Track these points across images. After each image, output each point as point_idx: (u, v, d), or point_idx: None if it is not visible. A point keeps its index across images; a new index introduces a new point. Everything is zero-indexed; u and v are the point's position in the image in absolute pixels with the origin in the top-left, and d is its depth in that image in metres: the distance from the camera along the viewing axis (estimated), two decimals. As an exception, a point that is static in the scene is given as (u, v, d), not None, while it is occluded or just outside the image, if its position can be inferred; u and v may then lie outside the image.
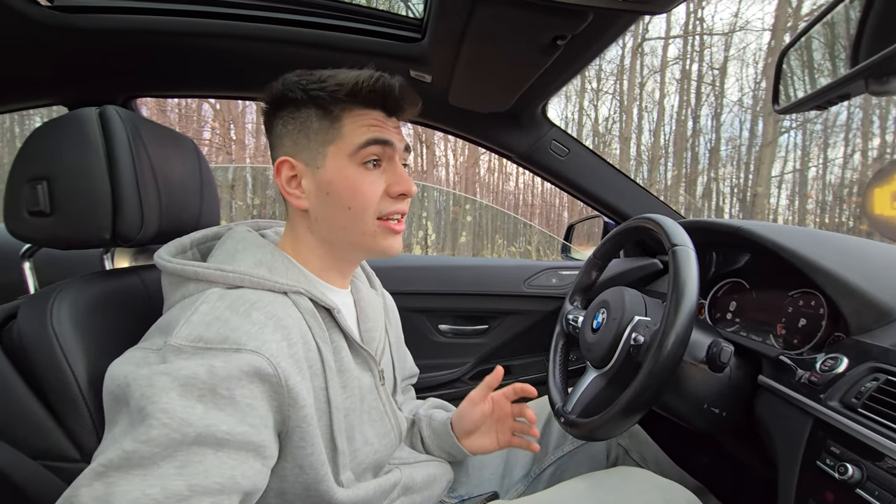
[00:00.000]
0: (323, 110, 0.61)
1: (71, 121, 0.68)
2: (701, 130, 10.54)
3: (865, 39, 0.48)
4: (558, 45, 0.74)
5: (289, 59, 1.02)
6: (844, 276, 0.76)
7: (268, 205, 9.73)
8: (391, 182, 0.64)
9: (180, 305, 0.57)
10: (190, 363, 0.48)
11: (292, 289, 0.60)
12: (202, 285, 0.58)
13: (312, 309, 0.61)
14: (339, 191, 0.62)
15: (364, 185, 0.62)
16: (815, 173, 9.77)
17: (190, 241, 0.70)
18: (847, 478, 0.59)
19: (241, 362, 0.49)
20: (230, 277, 0.57)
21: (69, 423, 0.60)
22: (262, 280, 0.58)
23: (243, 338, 0.50)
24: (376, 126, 0.62)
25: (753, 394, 0.85)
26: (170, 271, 0.61)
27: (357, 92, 0.60)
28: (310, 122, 0.62)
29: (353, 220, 0.63)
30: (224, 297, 0.55)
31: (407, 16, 0.95)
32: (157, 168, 0.75)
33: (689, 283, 0.75)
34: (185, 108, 8.34)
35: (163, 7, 0.94)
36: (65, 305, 0.63)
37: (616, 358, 0.87)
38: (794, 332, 0.88)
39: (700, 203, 10.30)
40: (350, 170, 0.61)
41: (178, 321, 0.52)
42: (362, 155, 0.61)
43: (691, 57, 10.46)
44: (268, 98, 0.64)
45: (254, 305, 0.54)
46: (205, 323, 0.51)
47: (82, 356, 0.61)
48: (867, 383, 0.64)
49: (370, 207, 0.63)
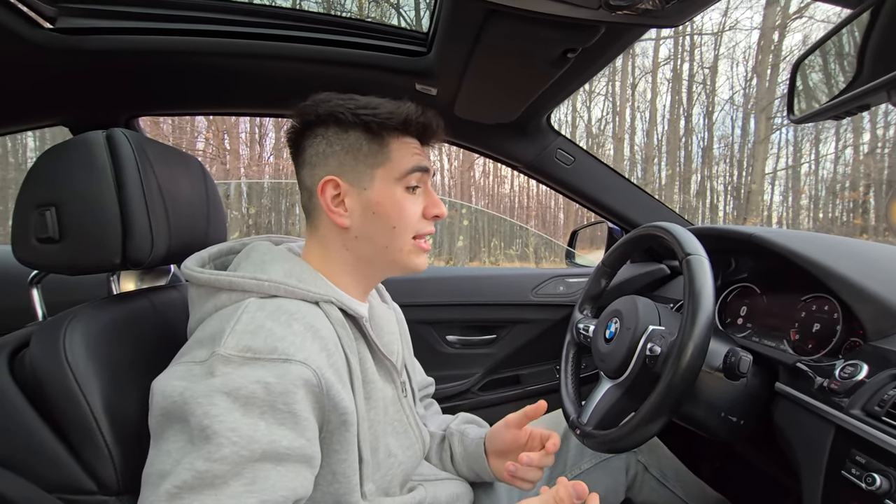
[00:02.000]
0: (372, 135, 0.65)
1: (78, 145, 0.67)
2: (693, 129, 10.62)
3: (887, 51, 0.48)
4: (568, 57, 0.74)
5: (296, 76, 1.01)
6: (861, 283, 0.76)
7: (263, 213, 9.73)
8: (427, 204, 0.69)
9: (218, 317, 0.58)
10: (241, 374, 0.49)
11: (323, 298, 0.61)
12: (235, 295, 0.59)
13: (342, 318, 0.62)
14: (386, 211, 0.66)
15: (408, 207, 0.67)
16: (807, 169, 9.86)
17: (208, 254, 0.71)
18: (875, 488, 0.59)
19: (292, 375, 0.51)
20: (265, 286, 0.59)
21: (85, 454, 0.59)
22: (295, 289, 0.60)
23: (290, 348, 0.52)
24: (419, 154, 0.68)
25: (770, 401, 0.85)
26: (202, 282, 0.62)
27: (408, 123, 0.66)
28: (359, 145, 0.65)
29: (395, 239, 0.67)
30: (263, 307, 0.56)
31: (412, 30, 0.95)
32: (165, 189, 0.74)
33: (704, 293, 0.75)
34: (178, 119, 8.31)
35: (165, 27, 0.93)
36: (77, 334, 0.62)
37: (631, 368, 0.87)
38: (808, 338, 0.88)
39: (695, 201, 10.36)
40: (397, 192, 0.66)
41: (222, 331, 0.53)
42: (408, 180, 0.66)
43: (682, 57, 10.55)
44: (310, 117, 0.67)
45: (293, 316, 0.56)
46: (249, 332, 0.53)
47: (97, 385, 0.60)
48: (890, 391, 0.64)
49: (410, 227, 0.67)
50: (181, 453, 0.48)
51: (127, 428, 0.61)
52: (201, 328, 0.59)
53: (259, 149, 10.40)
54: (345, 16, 0.95)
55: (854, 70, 0.53)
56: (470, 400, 1.42)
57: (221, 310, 0.59)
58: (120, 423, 0.61)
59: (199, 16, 0.94)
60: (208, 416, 0.47)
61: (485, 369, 1.43)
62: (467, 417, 0.94)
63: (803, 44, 9.35)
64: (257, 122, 10.06)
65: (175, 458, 0.48)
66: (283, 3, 8.00)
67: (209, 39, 0.95)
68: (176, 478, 0.46)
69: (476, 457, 0.83)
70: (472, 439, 0.84)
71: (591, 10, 0.62)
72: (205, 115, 7.54)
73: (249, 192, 9.26)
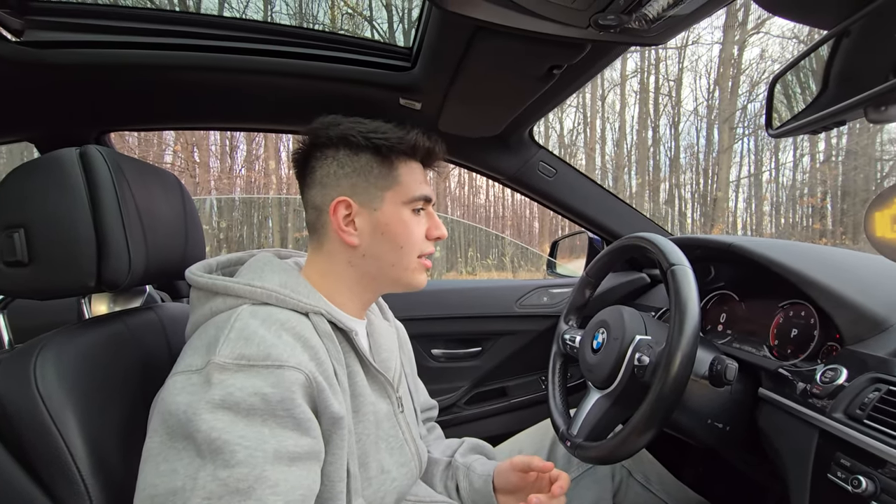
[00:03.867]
0: (382, 157, 0.69)
1: (49, 163, 0.64)
2: (661, 139, 10.97)
3: (864, 69, 0.50)
4: (554, 74, 0.75)
5: (277, 90, 0.99)
6: (838, 289, 0.79)
7: (234, 227, 9.51)
8: (430, 226, 0.74)
9: (213, 324, 0.59)
10: (238, 384, 0.51)
11: (313, 309, 0.63)
12: (230, 300, 0.61)
13: (329, 331, 0.63)
14: (394, 231, 0.69)
15: (414, 228, 0.71)
16: (768, 176, 10.30)
17: (216, 262, 0.73)
18: (861, 491, 0.60)
19: (287, 381, 0.53)
20: (258, 293, 0.61)
21: (58, 490, 0.55)
22: (286, 298, 0.61)
23: (283, 354, 0.54)
24: (425, 182, 0.73)
25: (754, 407, 0.87)
26: (201, 285, 0.64)
27: (416, 148, 0.70)
28: (369, 168, 0.69)
29: (402, 258, 0.70)
30: (255, 314, 0.58)
31: (396, 45, 0.95)
32: (142, 207, 0.71)
33: (690, 303, 0.77)
34: (143, 132, 8.07)
35: (138, 41, 0.90)
36: (49, 363, 0.58)
37: (620, 379, 0.87)
38: (787, 343, 0.91)
39: (665, 209, 10.67)
40: (405, 214, 0.70)
41: (216, 339, 0.55)
42: (415, 203, 0.71)
43: (648, 70, 10.93)
44: (321, 138, 0.70)
45: (283, 325, 0.58)
46: (243, 339, 0.54)
47: (72, 417, 0.57)
48: (870, 394, 0.66)
49: (416, 247, 0.71)
50: (192, 468, 0.49)
51: (105, 460, 0.58)
52: (197, 334, 0.60)
53: (230, 161, 10.20)
54: (326, 30, 0.94)
55: (829, 87, 0.55)
56: (456, 414, 1.40)
57: (216, 315, 0.61)
58: (98, 455, 0.57)
59: (174, 29, 0.92)
60: (215, 429, 0.49)
61: (470, 382, 1.42)
62: (472, 444, 0.93)
63: (760, 57, 9.83)
64: (227, 134, 9.87)
65: (186, 474, 0.48)
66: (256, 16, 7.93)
67: (184, 53, 0.92)
68: (200, 491, 0.47)
69: (483, 493, 0.82)
70: (478, 475, 0.83)
71: (580, 29, 0.63)
72: (180, 130, 7.36)
73: (220, 205, 9.05)
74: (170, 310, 0.83)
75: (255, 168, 10.41)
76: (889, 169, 8.77)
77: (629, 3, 0.58)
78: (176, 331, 0.79)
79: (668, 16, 0.59)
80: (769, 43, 9.61)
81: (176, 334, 0.79)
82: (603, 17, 0.59)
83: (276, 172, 10.34)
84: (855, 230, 8.94)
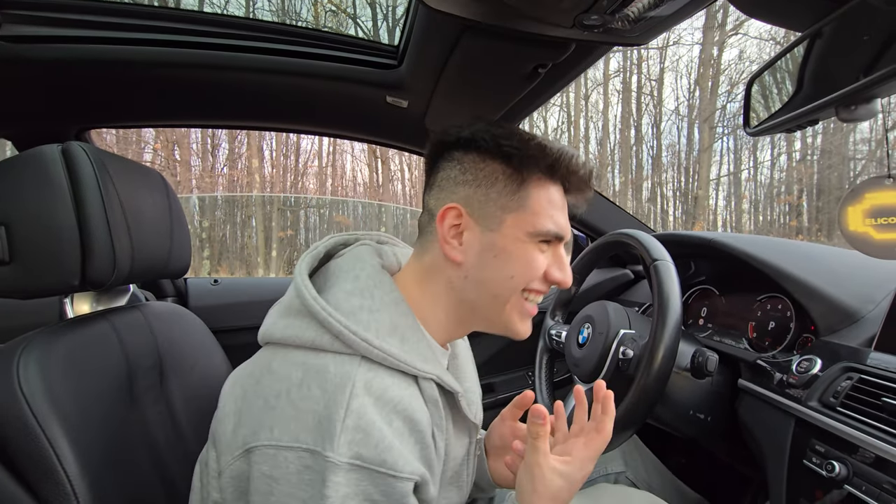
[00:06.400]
0: (513, 170, 0.57)
1: (30, 160, 0.63)
2: (643, 138, 11.12)
3: (835, 70, 0.52)
4: (539, 72, 0.77)
5: (263, 87, 0.99)
6: (812, 283, 0.82)
7: (217, 226, 9.35)
8: (553, 266, 0.61)
9: (320, 382, 0.52)
10: (350, 485, 0.48)
11: (423, 375, 0.56)
12: (338, 345, 0.53)
13: (436, 397, 0.57)
14: (512, 259, 0.58)
15: (537, 262, 0.59)
16: (747, 175, 10.52)
17: (325, 248, 0.64)
18: (835, 475, 0.63)
19: (398, 492, 0.50)
20: (374, 354, 0.53)
21: (44, 493, 0.54)
22: (398, 363, 0.54)
23: (399, 461, 0.50)
24: (561, 212, 0.60)
25: (734, 398, 0.89)
26: (312, 311, 0.54)
27: (556, 167, 0.58)
28: (494, 180, 0.57)
29: (508, 290, 0.59)
30: (369, 390, 0.51)
31: (382, 43, 0.95)
32: (127, 205, 0.70)
33: (672, 297, 0.79)
34: (122, 130, 7.89)
35: (118, 36, 0.89)
36: (32, 364, 0.57)
37: (605, 372, 0.89)
38: (765, 335, 0.94)
39: (647, 207, 10.83)
40: (530, 246, 0.58)
41: (331, 422, 0.49)
42: (541, 237, 0.59)
43: (630, 70, 11.06)
44: (451, 138, 0.60)
45: (395, 408, 0.52)
46: (361, 433, 0.49)
47: (57, 419, 0.56)
48: (843, 383, 0.69)
49: (527, 281, 0.59)
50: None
51: (93, 461, 0.58)
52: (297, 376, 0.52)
53: (212, 159, 10.03)
54: (310, 27, 0.94)
55: (804, 87, 0.57)
56: None
57: (318, 355, 0.53)
58: (86, 457, 0.57)
59: (154, 25, 0.90)
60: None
61: (458, 379, 1.43)
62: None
63: (739, 58, 10.03)
64: (209, 132, 9.70)
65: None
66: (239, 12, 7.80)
67: (165, 49, 0.91)
68: None
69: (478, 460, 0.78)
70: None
71: (565, 29, 0.64)
72: (162, 128, 7.20)
73: (203, 204, 8.90)
74: (156, 309, 0.82)
75: (238, 167, 10.26)
76: (861, 168, 9.04)
77: (612, 3, 0.60)
78: (163, 330, 0.79)
79: (649, 16, 0.61)
80: (747, 44, 9.83)
81: (163, 333, 0.78)
82: (587, 17, 0.60)
83: (259, 171, 10.21)
84: (830, 227, 9.20)
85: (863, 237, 0.52)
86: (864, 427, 0.63)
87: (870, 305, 0.78)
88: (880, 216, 0.52)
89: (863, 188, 0.52)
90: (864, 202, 0.52)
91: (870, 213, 0.52)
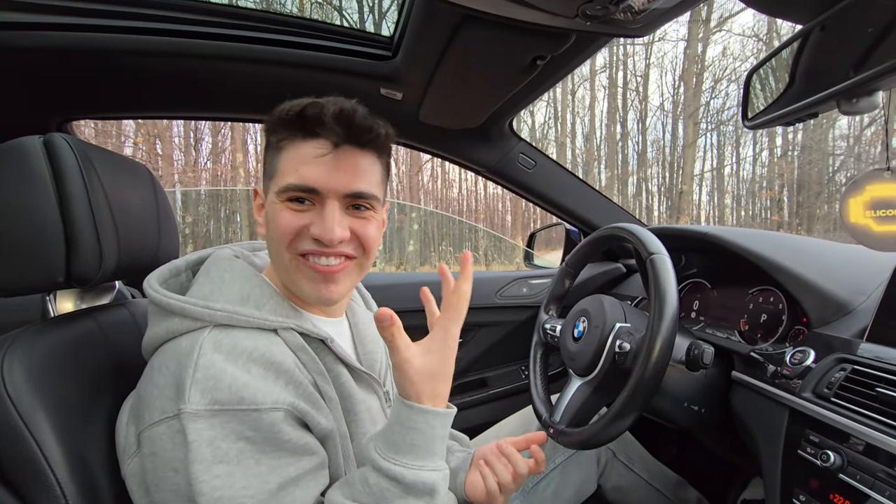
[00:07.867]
0: (269, 140, 0.61)
1: (9, 152, 0.60)
2: (629, 134, 11.23)
3: (836, 63, 0.52)
4: (537, 65, 0.76)
5: (248, 77, 0.96)
6: (805, 275, 0.83)
7: (200, 222, 9.20)
8: (314, 223, 0.59)
9: (173, 352, 0.55)
10: (215, 430, 0.50)
11: (281, 325, 0.59)
12: (187, 322, 0.56)
13: (302, 343, 0.60)
14: (270, 223, 0.60)
15: (283, 221, 0.58)
16: (730, 170, 10.70)
17: (185, 262, 0.68)
18: (829, 465, 0.64)
19: (266, 424, 0.52)
20: (218, 316, 0.55)
21: (32, 496, 0.53)
22: (250, 318, 0.57)
23: (257, 396, 0.52)
24: (304, 168, 0.57)
25: (728, 390, 0.90)
26: (156, 302, 0.58)
27: (297, 121, 0.58)
28: (267, 157, 0.62)
29: (277, 254, 0.61)
30: (219, 347, 0.53)
31: (377, 34, 0.93)
32: (113, 199, 0.68)
33: (669, 290, 0.79)
34: (102, 122, 7.69)
35: (99, 23, 0.85)
36: (17, 363, 0.55)
37: (601, 366, 0.89)
38: (757, 327, 0.95)
39: (633, 202, 10.95)
40: (278, 206, 0.59)
41: (182, 381, 0.51)
42: (286, 195, 0.58)
43: (617, 65, 11.14)
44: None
45: (250, 356, 0.54)
46: (212, 381, 0.51)
47: (44, 419, 0.54)
48: (836, 374, 0.70)
49: (287, 242, 0.59)
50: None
51: (82, 463, 0.56)
52: (158, 363, 0.56)
53: (195, 154, 9.85)
54: (304, 16, 0.92)
55: (803, 80, 0.57)
56: None
57: (175, 339, 0.56)
58: (75, 458, 0.55)
59: (137, 12, 0.87)
60: (217, 488, 0.49)
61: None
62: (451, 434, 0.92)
63: (723, 55, 10.17)
64: (192, 125, 9.52)
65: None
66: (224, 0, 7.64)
67: (148, 38, 0.88)
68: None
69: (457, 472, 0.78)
70: (455, 456, 0.82)
71: (567, 19, 0.63)
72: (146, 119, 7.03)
73: (186, 199, 8.74)
74: (143, 306, 0.79)
75: (222, 161, 10.10)
76: (840, 163, 9.26)
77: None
78: None
79: (653, 7, 0.60)
80: (730, 41, 9.98)
81: None
82: (591, 7, 0.60)
83: (243, 165, 10.06)
84: (809, 221, 9.42)
85: (863, 229, 0.53)
86: (858, 417, 0.63)
87: (861, 297, 0.80)
88: (879, 208, 0.52)
89: (864, 180, 0.53)
90: (865, 194, 0.53)
91: (870, 205, 0.52)
